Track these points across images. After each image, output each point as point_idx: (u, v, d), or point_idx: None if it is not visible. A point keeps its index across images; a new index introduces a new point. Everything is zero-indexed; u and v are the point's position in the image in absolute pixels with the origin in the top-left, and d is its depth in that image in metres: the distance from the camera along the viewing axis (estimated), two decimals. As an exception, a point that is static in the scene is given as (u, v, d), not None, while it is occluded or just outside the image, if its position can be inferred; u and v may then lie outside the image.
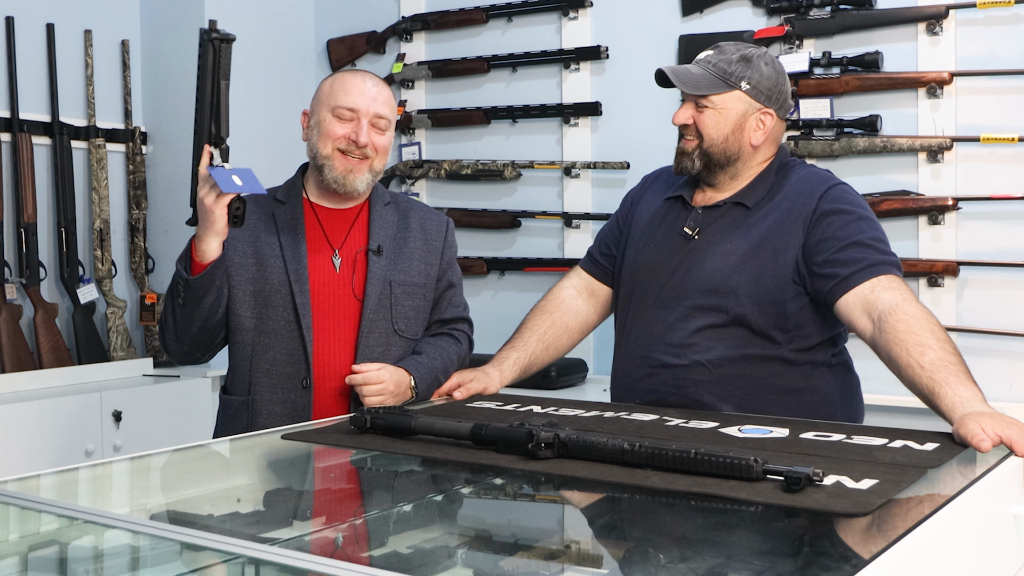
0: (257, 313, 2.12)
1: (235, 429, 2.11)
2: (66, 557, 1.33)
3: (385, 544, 1.27)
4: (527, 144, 3.66)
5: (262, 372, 2.11)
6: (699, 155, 2.07)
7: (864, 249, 1.94)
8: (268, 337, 2.11)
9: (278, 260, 2.12)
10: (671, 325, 2.03)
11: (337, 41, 4.02)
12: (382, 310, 2.14)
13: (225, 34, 1.97)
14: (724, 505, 1.30)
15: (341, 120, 2.11)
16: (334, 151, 2.11)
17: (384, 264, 2.16)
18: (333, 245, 2.16)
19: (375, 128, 2.13)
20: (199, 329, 2.08)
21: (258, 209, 2.16)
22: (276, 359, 2.11)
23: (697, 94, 2.04)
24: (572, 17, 3.55)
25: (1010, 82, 2.89)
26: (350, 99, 2.11)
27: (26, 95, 3.44)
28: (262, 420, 2.09)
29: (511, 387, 2.20)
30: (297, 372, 2.10)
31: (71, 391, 3.21)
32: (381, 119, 2.13)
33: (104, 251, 3.62)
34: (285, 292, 2.11)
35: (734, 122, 2.05)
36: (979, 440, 1.54)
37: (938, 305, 2.93)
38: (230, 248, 2.10)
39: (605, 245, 2.30)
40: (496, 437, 1.56)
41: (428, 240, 2.25)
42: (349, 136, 2.11)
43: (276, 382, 2.11)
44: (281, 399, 2.10)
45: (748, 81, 2.03)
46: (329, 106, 2.12)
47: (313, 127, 2.15)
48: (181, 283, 2.02)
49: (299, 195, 2.19)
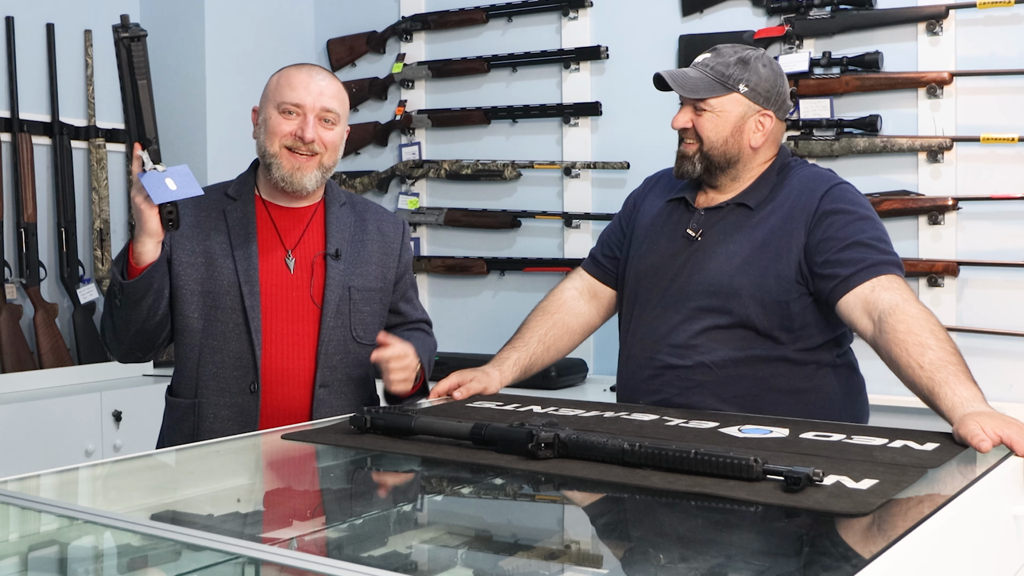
0: (205, 314, 2.05)
1: (181, 432, 2.06)
2: (66, 557, 1.33)
3: (385, 544, 1.27)
4: (527, 144, 3.66)
5: (209, 375, 2.05)
6: (699, 158, 2.07)
7: (865, 249, 1.94)
8: (216, 339, 2.05)
9: (228, 260, 2.06)
10: (675, 327, 2.03)
11: (337, 41, 4.02)
12: (341, 316, 2.10)
13: (136, 31, 1.88)
14: (724, 505, 1.30)
15: (287, 116, 2.04)
16: (281, 148, 2.05)
17: (342, 269, 2.11)
18: (286, 245, 2.10)
19: (323, 123, 2.06)
20: (137, 331, 2.02)
21: (208, 206, 2.09)
22: (224, 362, 2.05)
23: (695, 98, 2.04)
24: (572, 17, 3.55)
25: (1010, 82, 2.89)
26: (295, 94, 2.04)
27: (26, 95, 3.44)
28: (208, 424, 2.04)
29: (511, 387, 2.20)
30: (245, 376, 2.04)
31: (71, 391, 3.21)
32: (329, 112, 2.06)
33: (104, 251, 3.62)
34: (235, 293, 2.05)
35: (733, 125, 2.05)
36: (979, 441, 1.54)
37: (938, 305, 2.93)
38: (178, 247, 2.05)
39: (607, 247, 2.29)
40: (496, 437, 1.55)
41: (386, 243, 2.20)
42: (295, 132, 2.04)
43: (223, 385, 2.05)
44: (228, 403, 2.05)
45: (746, 83, 2.03)
46: (275, 102, 2.05)
47: (260, 124, 2.08)
48: (117, 287, 1.96)
49: (251, 192, 2.13)
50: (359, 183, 3.92)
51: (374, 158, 3.98)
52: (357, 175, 3.94)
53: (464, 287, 3.74)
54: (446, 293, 3.84)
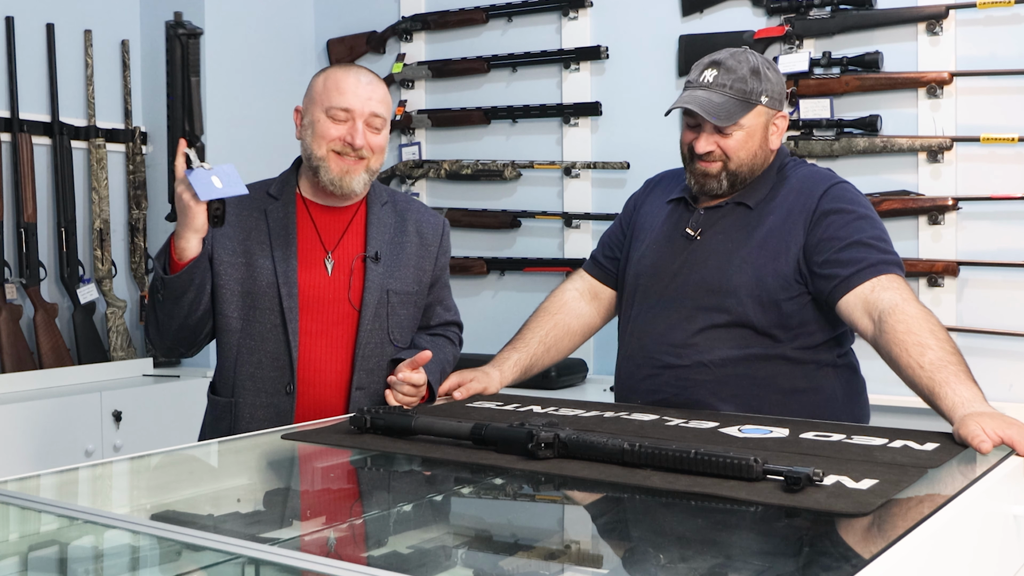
0: (244, 315, 2.07)
1: (219, 431, 2.07)
2: (66, 557, 1.33)
3: (385, 544, 1.27)
4: (527, 144, 3.66)
5: (246, 375, 2.07)
6: (726, 176, 2.05)
7: (865, 249, 1.94)
8: (254, 340, 2.06)
9: (267, 261, 2.07)
10: (673, 325, 2.03)
11: (337, 41, 4.02)
12: (379, 320, 2.11)
13: (192, 28, 1.89)
14: (724, 505, 1.30)
15: (335, 121, 2.05)
16: (329, 152, 2.06)
17: (381, 272, 2.11)
18: (326, 247, 2.11)
19: (370, 128, 2.07)
20: (179, 326, 2.03)
21: (250, 204, 2.10)
22: (261, 362, 2.06)
23: (730, 124, 2.01)
24: (572, 17, 3.55)
25: (1010, 82, 2.89)
26: (344, 99, 2.04)
27: (26, 95, 3.44)
28: (244, 424, 2.05)
29: (511, 387, 2.20)
30: (281, 377, 2.06)
31: (71, 391, 3.21)
32: (376, 118, 2.07)
33: (104, 251, 3.62)
34: (273, 294, 2.06)
35: (759, 138, 2.05)
36: (980, 441, 1.54)
37: (938, 305, 2.93)
38: (219, 246, 2.06)
39: (608, 248, 2.30)
40: (496, 437, 1.56)
41: (424, 244, 2.20)
42: (344, 138, 2.05)
43: (260, 386, 2.06)
44: (264, 403, 2.06)
45: (766, 94, 2.03)
46: (323, 106, 2.06)
47: (307, 127, 2.09)
48: (159, 281, 1.98)
49: (292, 191, 2.14)
50: (359, 183, 3.92)
51: (374, 158, 3.98)
52: (357, 175, 3.94)
53: (464, 287, 3.74)
54: (446, 293, 3.84)
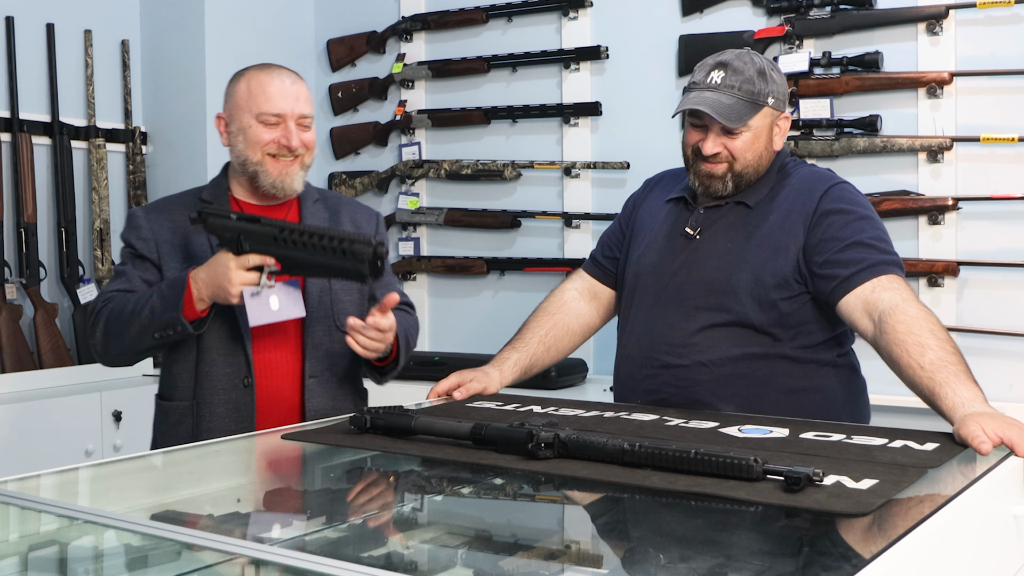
0: None
1: (179, 435, 2.09)
2: (66, 557, 1.33)
3: (385, 544, 1.27)
4: (527, 144, 3.66)
5: (203, 375, 2.10)
6: (732, 177, 2.05)
7: (865, 249, 1.94)
8: (206, 339, 2.09)
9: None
10: (673, 325, 2.03)
11: (337, 41, 4.02)
12: (323, 308, 2.15)
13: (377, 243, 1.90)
14: (724, 505, 1.30)
15: (267, 126, 2.09)
16: (265, 156, 2.10)
17: None
18: None
19: (301, 126, 2.11)
20: (146, 348, 2.08)
21: (185, 211, 2.12)
22: (215, 360, 2.09)
23: (739, 125, 2.01)
24: (572, 17, 3.55)
25: (1010, 82, 2.89)
26: (272, 104, 2.08)
27: (26, 95, 3.44)
28: (206, 423, 2.09)
29: (511, 387, 2.20)
30: (238, 372, 2.09)
31: (71, 391, 3.21)
32: (305, 117, 2.12)
33: (104, 251, 3.62)
34: None
35: (765, 138, 2.05)
36: (980, 442, 1.54)
37: (938, 305, 2.93)
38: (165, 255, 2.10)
39: (608, 248, 2.30)
40: (496, 437, 1.56)
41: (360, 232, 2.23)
42: (279, 140, 2.09)
43: (217, 384, 2.09)
44: (223, 400, 2.09)
45: (772, 95, 2.03)
46: (252, 112, 2.09)
47: (236, 133, 2.12)
48: (173, 329, 2.00)
49: (225, 194, 2.18)
50: (359, 183, 3.92)
51: (374, 158, 3.98)
52: (357, 175, 3.94)
53: (464, 287, 3.74)
54: (446, 293, 3.83)
